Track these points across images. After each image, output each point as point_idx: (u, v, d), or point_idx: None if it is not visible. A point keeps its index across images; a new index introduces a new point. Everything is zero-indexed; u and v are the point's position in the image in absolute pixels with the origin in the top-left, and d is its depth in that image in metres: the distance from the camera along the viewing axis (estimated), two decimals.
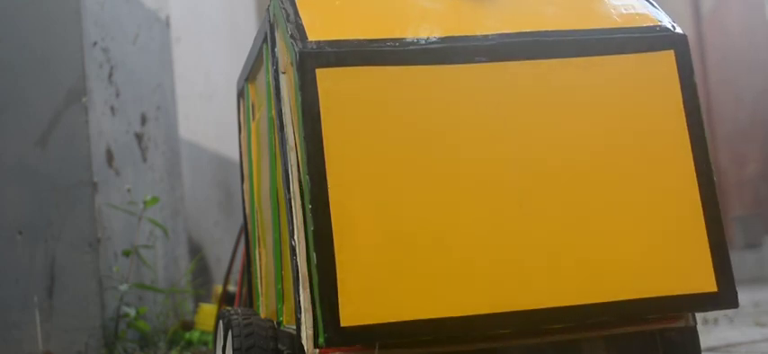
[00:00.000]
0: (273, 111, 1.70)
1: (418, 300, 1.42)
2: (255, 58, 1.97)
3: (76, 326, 2.93)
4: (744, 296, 5.22)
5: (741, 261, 7.55)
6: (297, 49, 1.50)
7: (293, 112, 1.54)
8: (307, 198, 1.44)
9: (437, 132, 1.50)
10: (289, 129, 1.60)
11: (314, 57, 1.49)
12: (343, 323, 1.39)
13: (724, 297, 1.52)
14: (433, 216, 1.46)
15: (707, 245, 1.53)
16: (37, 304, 2.92)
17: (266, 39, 1.76)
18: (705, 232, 1.54)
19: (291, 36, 1.52)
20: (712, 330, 3.41)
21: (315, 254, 1.41)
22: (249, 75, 2.10)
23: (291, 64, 1.52)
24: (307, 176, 1.44)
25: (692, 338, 1.64)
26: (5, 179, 2.96)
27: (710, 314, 4.02)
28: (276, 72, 1.64)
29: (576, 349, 1.65)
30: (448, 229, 1.46)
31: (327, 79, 1.49)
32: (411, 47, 1.54)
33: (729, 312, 4.17)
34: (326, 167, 1.45)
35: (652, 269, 1.51)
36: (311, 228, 1.42)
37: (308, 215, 1.43)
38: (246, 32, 6.59)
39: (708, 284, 1.52)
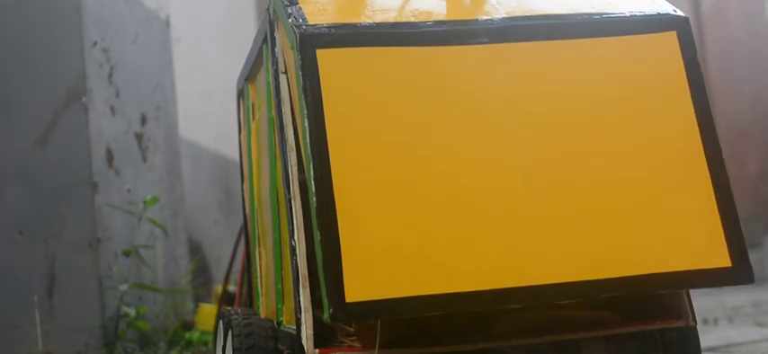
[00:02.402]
0: (273, 111, 1.70)
1: (424, 276, 1.40)
2: (255, 58, 1.97)
3: (76, 326, 2.93)
4: (744, 296, 5.22)
5: None
6: (297, 31, 1.49)
7: (294, 94, 1.54)
8: (309, 176, 1.43)
9: (439, 110, 1.49)
10: (289, 129, 1.60)
11: (314, 39, 1.49)
12: (348, 299, 1.37)
13: (738, 272, 1.48)
14: (437, 192, 1.45)
15: (719, 221, 1.50)
16: (37, 304, 2.92)
17: (266, 39, 1.76)
18: (716, 207, 1.51)
19: (292, 21, 1.52)
20: (712, 330, 3.41)
21: (319, 231, 1.40)
22: (249, 75, 2.10)
23: (292, 48, 1.51)
24: (309, 155, 1.43)
25: (692, 338, 1.64)
26: (5, 179, 2.96)
27: (710, 314, 4.01)
28: (276, 72, 1.64)
29: (576, 349, 1.65)
30: (452, 205, 1.44)
31: (328, 59, 1.48)
32: (412, 29, 1.53)
33: (729, 311, 4.17)
34: (329, 146, 1.44)
35: (663, 245, 1.48)
36: (314, 205, 1.41)
37: (311, 192, 1.42)
38: (246, 32, 6.59)
39: (721, 259, 1.48)
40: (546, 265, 1.44)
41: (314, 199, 1.41)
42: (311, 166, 1.43)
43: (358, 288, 1.38)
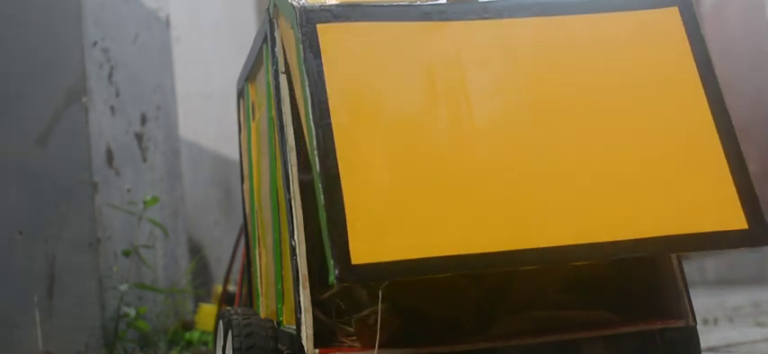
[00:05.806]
0: (273, 111, 1.70)
1: (431, 238, 1.38)
2: (255, 58, 1.97)
3: (76, 326, 2.93)
4: (744, 296, 5.22)
5: (741, 260, 7.54)
6: (297, 8, 1.49)
7: (294, 71, 1.54)
8: (312, 144, 1.42)
9: (443, 79, 1.49)
10: (289, 129, 1.60)
11: (315, 14, 1.49)
12: (353, 261, 1.35)
13: (756, 234, 1.46)
14: (442, 157, 1.44)
15: (732, 185, 1.49)
16: (37, 304, 2.92)
17: (266, 39, 1.76)
18: (729, 172, 1.50)
19: (292, 2, 1.53)
20: (712, 330, 3.41)
21: (322, 195, 1.38)
22: (249, 75, 2.10)
23: (293, 27, 1.51)
24: (311, 124, 1.42)
25: (692, 338, 1.64)
26: (5, 179, 2.96)
27: (710, 314, 4.02)
28: (276, 72, 1.64)
29: (576, 349, 1.65)
30: (458, 170, 1.43)
31: (328, 33, 1.48)
32: (414, 6, 1.54)
33: (729, 311, 4.17)
34: (331, 113, 1.43)
35: (678, 209, 1.46)
36: (317, 171, 1.39)
37: (314, 158, 1.41)
38: (246, 32, 6.59)
39: (738, 222, 1.47)
40: (558, 227, 1.42)
41: (316, 164, 1.40)
42: (313, 134, 1.42)
43: (363, 251, 1.35)
